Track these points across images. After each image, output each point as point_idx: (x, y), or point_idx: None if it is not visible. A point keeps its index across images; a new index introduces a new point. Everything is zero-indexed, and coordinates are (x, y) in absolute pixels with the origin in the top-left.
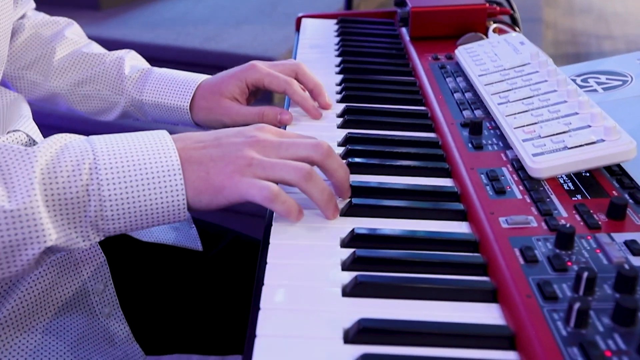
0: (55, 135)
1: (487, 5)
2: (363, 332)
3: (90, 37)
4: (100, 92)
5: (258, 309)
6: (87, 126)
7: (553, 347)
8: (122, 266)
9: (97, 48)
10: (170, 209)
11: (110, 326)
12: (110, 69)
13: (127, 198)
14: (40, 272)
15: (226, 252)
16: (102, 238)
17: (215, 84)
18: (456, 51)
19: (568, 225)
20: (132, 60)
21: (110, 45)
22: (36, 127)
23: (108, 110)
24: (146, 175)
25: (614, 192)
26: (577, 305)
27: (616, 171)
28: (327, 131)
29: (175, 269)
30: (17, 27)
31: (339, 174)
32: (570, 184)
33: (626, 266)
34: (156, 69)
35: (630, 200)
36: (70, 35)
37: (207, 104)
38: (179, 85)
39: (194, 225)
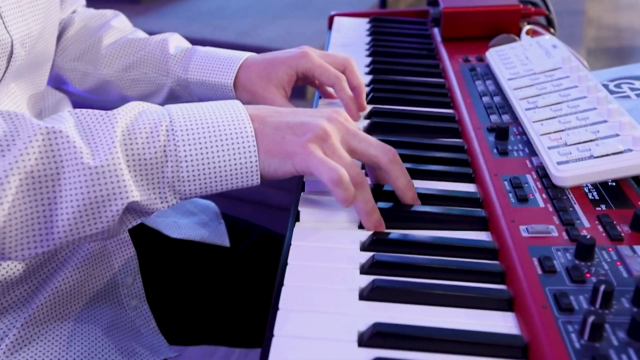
0: (132, 102)
1: (521, 6)
2: (377, 336)
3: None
4: (147, 75)
5: (277, 309)
6: None
7: (565, 359)
8: (151, 261)
9: (141, 34)
10: (243, 171)
11: (137, 318)
12: (155, 51)
13: (202, 159)
14: (75, 263)
15: (253, 249)
16: (179, 200)
17: (264, 67)
18: (487, 53)
19: (589, 236)
20: (176, 41)
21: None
22: None
23: (156, 93)
24: (220, 137)
25: (639, 202)
26: (591, 319)
27: None
28: None
29: (202, 265)
30: (68, 22)
31: (400, 181)
32: (595, 194)
33: None
34: (200, 47)
35: None
36: (116, 24)
37: (252, 86)
38: (222, 63)
39: (222, 221)
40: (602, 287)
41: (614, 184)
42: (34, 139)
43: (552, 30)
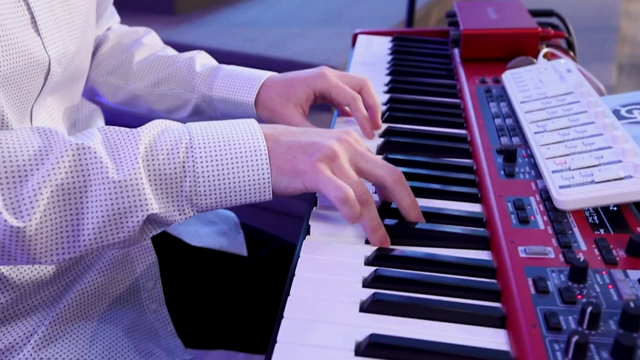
0: (156, 120)
1: (540, 29)
2: (372, 346)
3: (164, 41)
4: (174, 91)
5: (282, 317)
6: None
7: None
8: (171, 267)
9: (171, 51)
10: (257, 186)
11: (156, 321)
12: (182, 68)
13: (218, 175)
14: (99, 267)
15: (269, 259)
16: (196, 213)
17: (284, 87)
18: (503, 75)
19: (582, 259)
20: (203, 59)
21: (182, 48)
22: None
23: (182, 107)
24: (235, 155)
25: (638, 228)
26: (575, 338)
27: None
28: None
29: (220, 272)
30: (103, 38)
31: (404, 201)
32: (595, 218)
33: (632, 304)
34: (225, 66)
35: None
36: (147, 42)
37: (272, 104)
38: (245, 81)
39: (241, 231)
40: (589, 309)
41: (615, 209)
42: (65, 154)
43: (571, 53)
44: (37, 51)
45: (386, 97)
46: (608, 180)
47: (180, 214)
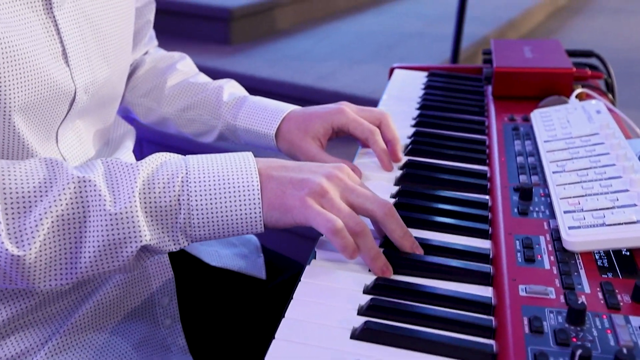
0: (158, 154)
1: (574, 69)
2: None
3: (218, 69)
4: (201, 117)
5: (273, 338)
6: (190, 146)
7: None
8: (188, 285)
9: (202, 78)
10: (248, 220)
11: (169, 336)
12: (211, 96)
13: (212, 208)
14: (116, 281)
15: (287, 284)
16: (190, 243)
17: (303, 120)
18: (532, 114)
19: (580, 301)
20: (231, 89)
21: (235, 76)
22: (134, 158)
23: (208, 133)
24: (228, 190)
25: None
26: None
27: None
28: (385, 181)
29: (237, 294)
30: (140, 62)
31: (396, 233)
32: (605, 261)
33: (625, 350)
34: (251, 97)
35: None
36: (181, 68)
37: (291, 137)
38: (268, 114)
39: (261, 255)
40: (579, 352)
41: (627, 253)
42: (66, 186)
43: (610, 96)
44: (64, 81)
45: (412, 130)
46: (619, 224)
47: (174, 244)
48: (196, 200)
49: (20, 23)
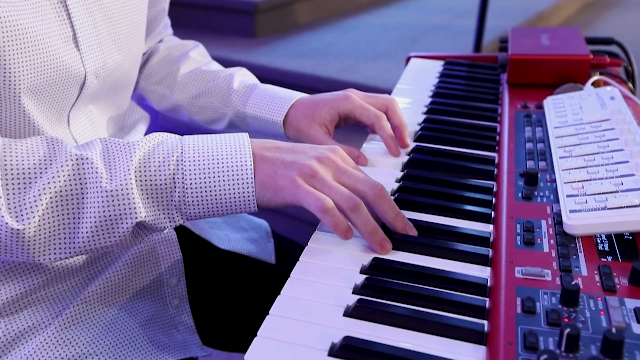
0: (155, 133)
1: (591, 56)
2: (345, 348)
3: (243, 62)
4: (212, 104)
5: (268, 313)
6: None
7: None
8: (198, 267)
9: (215, 66)
10: (241, 199)
11: (177, 315)
12: (222, 84)
13: (205, 187)
14: (125, 260)
15: None
16: (185, 221)
17: (310, 107)
18: (544, 101)
19: (574, 282)
20: (242, 77)
21: (259, 69)
22: None
23: (219, 120)
24: (222, 169)
25: None
26: (543, 357)
27: None
28: (392, 166)
29: (245, 277)
30: (154, 50)
31: (387, 214)
32: (606, 245)
33: (614, 330)
34: (261, 85)
35: None
36: (194, 56)
37: (298, 124)
38: (276, 101)
39: (272, 240)
40: (567, 331)
41: (630, 237)
42: (65, 164)
43: (629, 84)
44: (74, 65)
45: (422, 117)
46: (621, 207)
47: (170, 222)
48: (190, 179)
49: (31, 7)
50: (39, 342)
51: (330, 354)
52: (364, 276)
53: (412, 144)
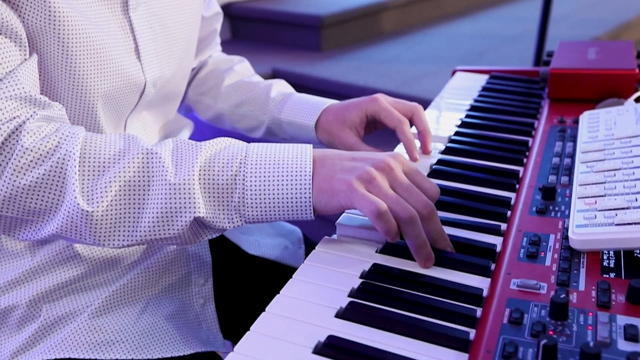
0: (223, 137)
1: (637, 70)
2: (328, 347)
3: (306, 75)
4: (252, 112)
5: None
6: None
7: None
8: (226, 270)
9: (256, 78)
10: (298, 203)
11: (202, 313)
12: (261, 93)
13: (264, 189)
14: (157, 257)
15: None
16: (244, 223)
17: (340, 111)
18: (581, 115)
19: (562, 296)
20: (279, 87)
21: (322, 82)
22: None
23: (258, 128)
24: (282, 173)
25: None
26: None
27: None
28: None
29: (272, 282)
30: (203, 64)
31: (432, 235)
32: (612, 262)
33: (591, 343)
34: (296, 94)
35: None
36: (238, 69)
37: (330, 127)
38: (309, 107)
39: (303, 246)
40: (543, 342)
41: (639, 255)
42: (136, 156)
43: None
44: (136, 74)
45: (454, 130)
46: (628, 224)
47: (229, 222)
48: (251, 181)
49: (100, 21)
50: (73, 327)
51: (315, 351)
52: (364, 280)
53: (438, 156)
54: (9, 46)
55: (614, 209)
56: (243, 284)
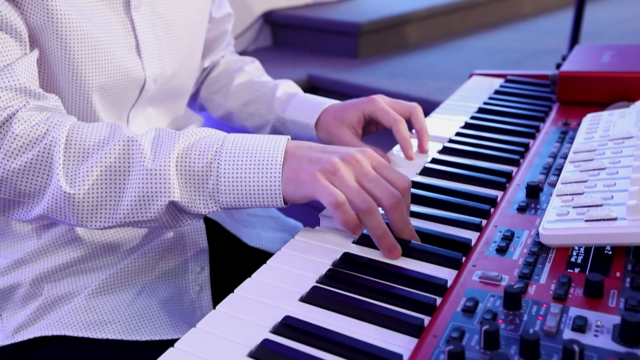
0: (203, 127)
1: None
2: (283, 326)
3: (341, 81)
4: (259, 111)
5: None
6: None
7: None
8: (225, 260)
9: (266, 78)
10: (269, 192)
11: (197, 300)
12: (267, 93)
13: (237, 177)
14: (155, 244)
15: None
16: (219, 209)
17: (339, 111)
18: (584, 118)
19: (515, 286)
20: (286, 87)
21: (356, 88)
22: None
23: (264, 126)
24: (254, 162)
25: (617, 273)
26: (449, 348)
27: None
28: (410, 173)
29: None
30: (215, 64)
31: (396, 225)
32: (580, 258)
33: (531, 331)
34: (300, 94)
35: (627, 284)
36: (249, 69)
37: (329, 126)
38: (311, 107)
39: None
40: (485, 327)
41: (610, 252)
42: (117, 143)
43: None
44: (135, 70)
45: (455, 131)
46: (597, 220)
47: (204, 207)
48: (225, 169)
49: (101, 19)
50: (70, 307)
51: (272, 331)
52: (335, 269)
53: (434, 156)
54: (9, 42)
55: (587, 206)
56: (241, 274)
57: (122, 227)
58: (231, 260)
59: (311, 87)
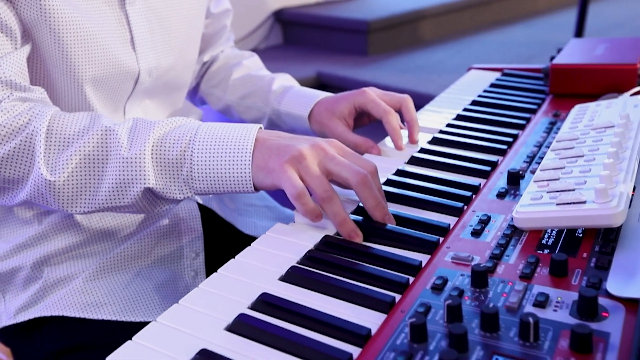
0: (180, 117)
1: (638, 65)
2: (260, 302)
3: (350, 78)
4: (256, 104)
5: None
6: None
7: (379, 350)
8: (221, 248)
9: (264, 72)
10: (239, 178)
11: (192, 285)
12: (264, 86)
13: (210, 165)
14: (150, 230)
15: None
16: (194, 195)
17: (330, 103)
18: (572, 109)
19: (482, 265)
20: (282, 81)
21: (365, 85)
22: None
23: (261, 119)
24: (225, 150)
25: (584, 254)
26: (411, 320)
27: (611, 238)
28: (394, 164)
29: None
30: (215, 58)
31: (368, 202)
32: (551, 240)
33: (491, 305)
34: (296, 87)
35: (592, 264)
36: (247, 64)
37: (321, 118)
38: (305, 99)
39: None
40: (447, 302)
41: (581, 235)
42: (96, 133)
43: None
44: (129, 63)
45: (446, 122)
46: (567, 203)
47: (179, 193)
48: (197, 157)
49: (96, 13)
50: (68, 289)
51: (249, 306)
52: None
53: (425, 146)
54: None
55: (560, 191)
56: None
57: (119, 214)
58: (226, 247)
59: (321, 84)
